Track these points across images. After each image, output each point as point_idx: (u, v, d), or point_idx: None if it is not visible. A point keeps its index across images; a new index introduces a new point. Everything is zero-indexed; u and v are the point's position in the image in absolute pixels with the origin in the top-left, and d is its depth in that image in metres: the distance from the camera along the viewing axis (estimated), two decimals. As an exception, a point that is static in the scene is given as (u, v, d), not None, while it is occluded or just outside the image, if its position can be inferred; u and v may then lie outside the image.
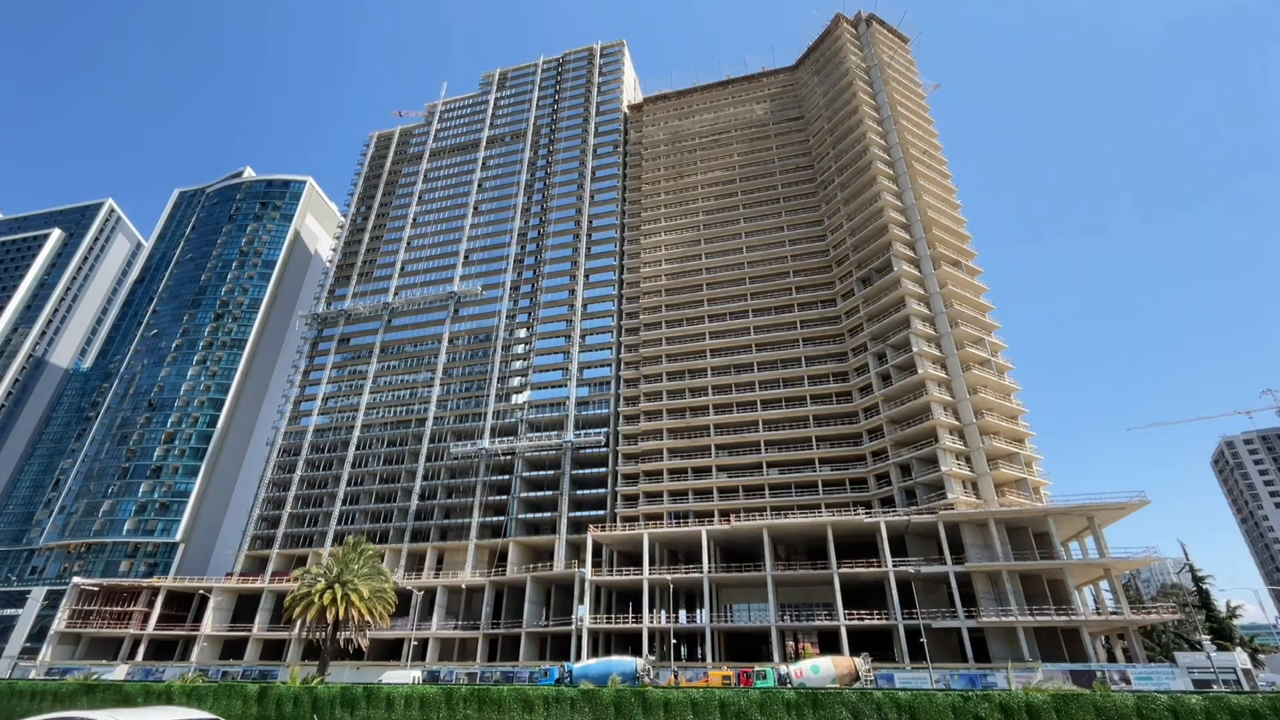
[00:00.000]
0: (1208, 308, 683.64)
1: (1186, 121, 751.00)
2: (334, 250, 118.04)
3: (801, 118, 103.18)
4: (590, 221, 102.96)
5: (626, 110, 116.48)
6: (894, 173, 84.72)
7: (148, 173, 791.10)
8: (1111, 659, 60.23)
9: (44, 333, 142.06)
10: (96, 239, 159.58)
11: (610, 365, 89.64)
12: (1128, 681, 46.53)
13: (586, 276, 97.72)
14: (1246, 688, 45.47)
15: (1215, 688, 43.60)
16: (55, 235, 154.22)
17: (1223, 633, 68.31)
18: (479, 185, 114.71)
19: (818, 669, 43.37)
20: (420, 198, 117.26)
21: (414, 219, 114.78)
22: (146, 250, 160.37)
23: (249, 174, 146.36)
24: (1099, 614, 57.30)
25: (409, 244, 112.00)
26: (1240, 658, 50.28)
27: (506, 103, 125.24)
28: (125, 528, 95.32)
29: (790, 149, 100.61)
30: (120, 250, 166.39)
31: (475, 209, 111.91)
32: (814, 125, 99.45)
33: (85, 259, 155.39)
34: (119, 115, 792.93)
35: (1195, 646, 60.54)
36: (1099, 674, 46.96)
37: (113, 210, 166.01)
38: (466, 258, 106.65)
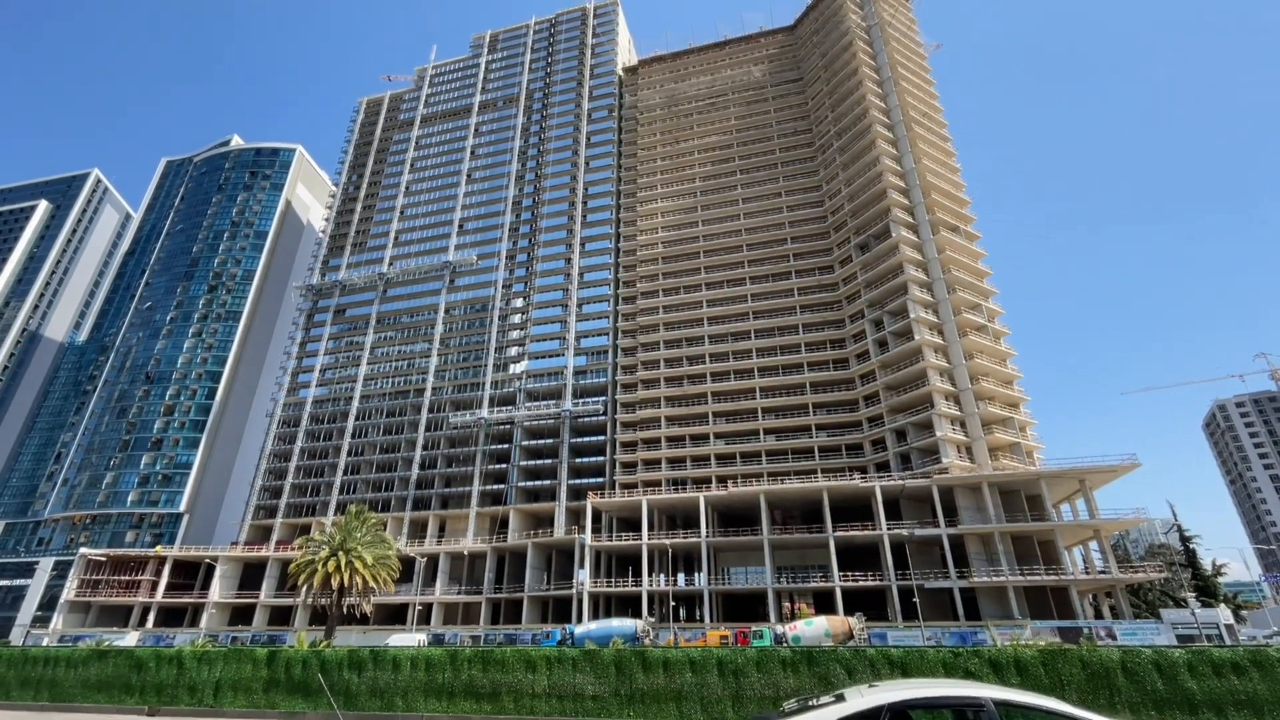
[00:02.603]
0: (1204, 276, 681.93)
1: (1192, 98, 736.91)
2: (326, 220, 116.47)
3: (800, 79, 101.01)
4: (586, 188, 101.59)
5: (621, 73, 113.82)
6: (893, 136, 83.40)
7: (132, 142, 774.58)
8: (1099, 616, 61.87)
9: (36, 306, 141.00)
10: (84, 210, 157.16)
11: (607, 334, 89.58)
12: (1114, 637, 47.90)
13: (583, 245, 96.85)
14: (1229, 642, 46.83)
15: (1198, 642, 44.93)
16: (42, 207, 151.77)
17: (1208, 590, 70.04)
18: (472, 152, 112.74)
19: (811, 623, 44.65)
20: (412, 165, 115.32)
21: (407, 187, 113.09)
22: (136, 221, 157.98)
23: (236, 142, 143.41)
24: (1088, 573, 58.78)
25: (402, 213, 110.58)
26: (1223, 614, 51.70)
27: (498, 66, 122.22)
28: (129, 499, 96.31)
29: (788, 112, 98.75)
30: (109, 221, 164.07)
31: (469, 176, 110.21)
32: (813, 87, 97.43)
33: (74, 231, 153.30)
34: (98, 82, 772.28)
35: (1181, 604, 62.13)
36: (1086, 630, 48.37)
37: (99, 181, 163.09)
38: (461, 227, 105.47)
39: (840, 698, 6.62)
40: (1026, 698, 6.37)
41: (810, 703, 6.88)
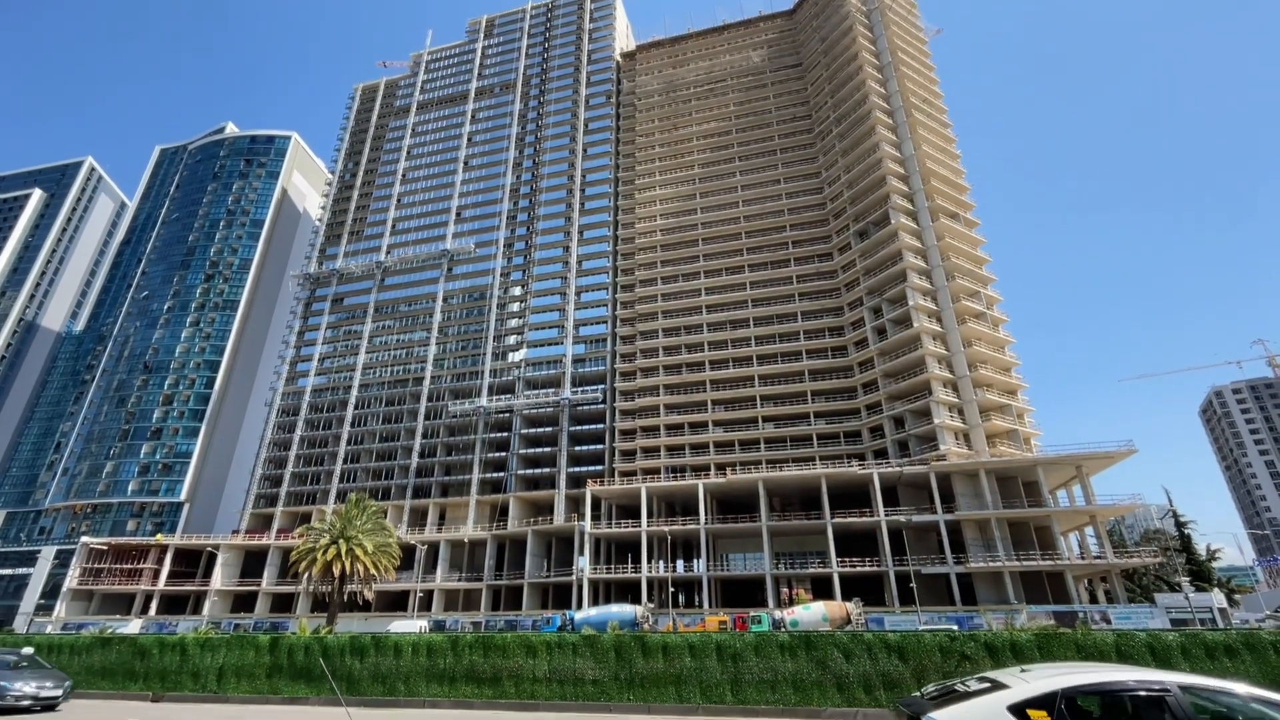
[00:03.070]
0: (1203, 262, 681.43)
1: (1191, 84, 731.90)
2: (323, 208, 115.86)
3: (799, 65, 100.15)
4: (583, 176, 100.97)
5: (619, 59, 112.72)
6: (893, 122, 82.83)
7: (125, 129, 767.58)
8: (1094, 600, 62.47)
9: (33, 296, 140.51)
10: (79, 199, 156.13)
11: (606, 322, 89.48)
12: (1108, 621, 48.39)
13: (581, 233, 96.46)
14: (1222, 625, 47.33)
15: (1192, 626, 45.41)
16: (36, 195, 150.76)
17: (1202, 575, 70.54)
18: (469, 139, 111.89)
19: (809, 608, 45.00)
20: (409, 152, 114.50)
21: (403, 175, 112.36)
22: (131, 210, 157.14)
23: (231, 129, 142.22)
24: (1083, 559, 59.22)
25: (399, 201, 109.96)
26: (1217, 598, 52.21)
27: (494, 51, 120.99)
28: (129, 488, 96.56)
29: (788, 98, 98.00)
30: (104, 210, 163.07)
31: (466, 164, 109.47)
32: (812, 73, 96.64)
33: (69, 219, 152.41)
34: (89, 69, 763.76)
35: (1175, 588, 62.68)
36: (1081, 614, 48.85)
37: (93, 169, 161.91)
38: (459, 214, 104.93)
39: (995, 683, 6.32)
40: (1216, 682, 6.03)
41: (957, 688, 6.59)
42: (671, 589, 63.87)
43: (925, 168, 79.00)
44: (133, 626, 70.15)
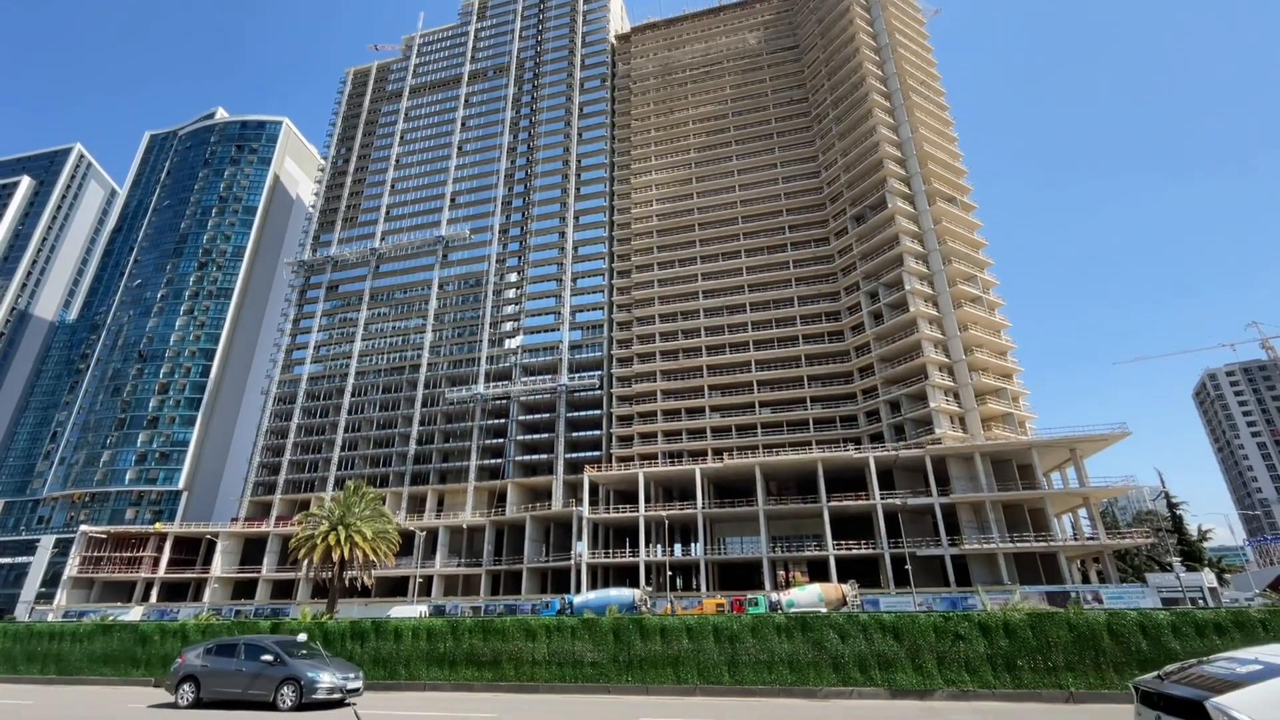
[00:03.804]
0: (1200, 244, 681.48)
1: (1188, 63, 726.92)
2: (316, 195, 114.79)
3: (796, 47, 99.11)
4: (579, 161, 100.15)
5: (614, 41, 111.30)
6: (890, 105, 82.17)
7: (112, 116, 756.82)
8: (1086, 581, 63.20)
9: (25, 285, 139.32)
10: (69, 186, 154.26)
11: (603, 308, 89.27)
12: (1100, 601, 49.03)
13: (576, 218, 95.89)
14: (1212, 604, 47.99)
15: (1183, 605, 46.01)
16: (25, 183, 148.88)
17: (1193, 555, 71.41)
18: (462, 124, 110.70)
19: (805, 590, 45.47)
20: (402, 138, 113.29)
21: (397, 160, 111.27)
22: (122, 197, 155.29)
23: (222, 115, 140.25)
24: (1076, 540, 59.89)
25: (393, 187, 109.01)
26: (1207, 577, 52.89)
27: (487, 34, 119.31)
28: (127, 477, 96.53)
29: (784, 81, 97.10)
30: (94, 197, 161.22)
31: (460, 149, 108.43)
32: (809, 55, 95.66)
33: (59, 207, 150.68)
34: (75, 55, 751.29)
35: (1166, 568, 63.43)
36: (1073, 594, 49.43)
37: (82, 155, 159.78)
38: (453, 200, 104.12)
39: (1269, 665, 5.72)
40: None
41: (1210, 670, 5.97)
42: (669, 573, 64.46)
43: (923, 151, 78.56)
44: (134, 614, 70.55)
